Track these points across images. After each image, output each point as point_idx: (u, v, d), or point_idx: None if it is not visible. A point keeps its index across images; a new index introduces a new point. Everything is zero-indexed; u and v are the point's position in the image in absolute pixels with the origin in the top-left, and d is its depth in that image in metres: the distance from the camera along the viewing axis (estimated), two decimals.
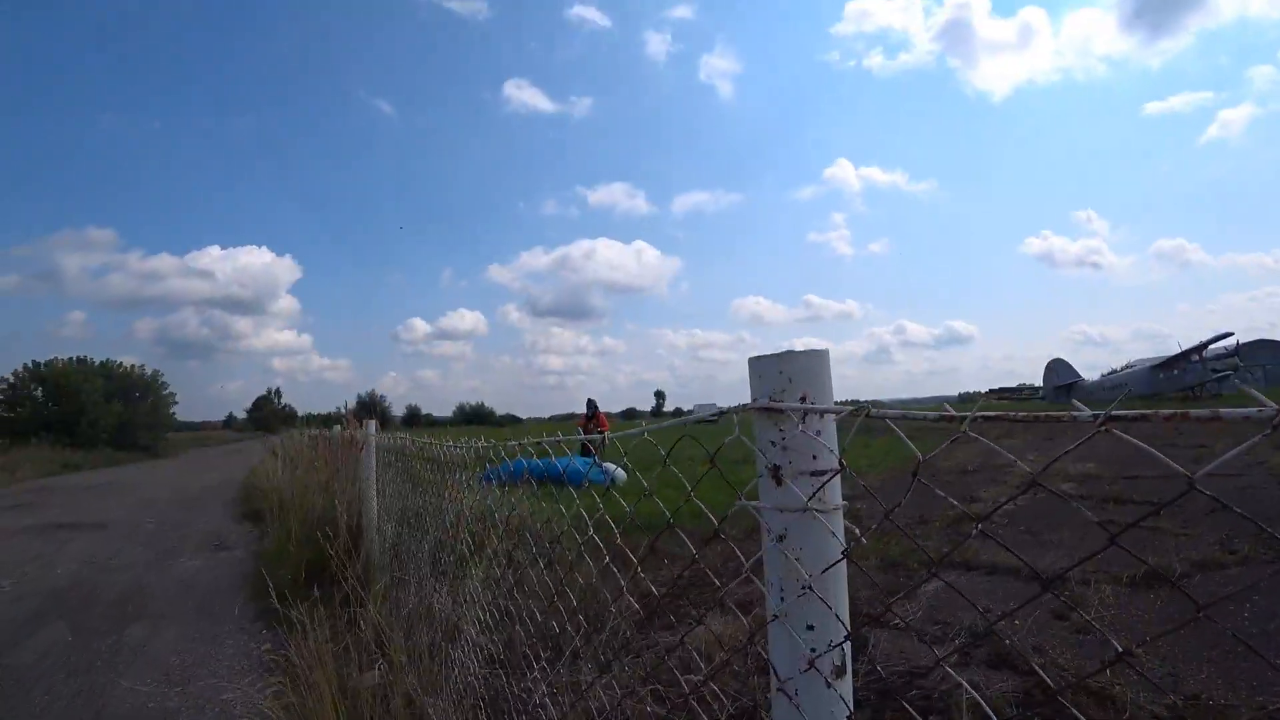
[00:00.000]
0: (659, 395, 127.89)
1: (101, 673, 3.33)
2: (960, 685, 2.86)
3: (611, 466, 9.22)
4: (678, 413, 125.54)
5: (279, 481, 8.60)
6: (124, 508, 9.93)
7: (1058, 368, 49.73)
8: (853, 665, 0.86)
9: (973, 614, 3.86)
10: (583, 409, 12.83)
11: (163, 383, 29.30)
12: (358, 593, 3.30)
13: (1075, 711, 0.74)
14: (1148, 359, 46.28)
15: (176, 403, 30.88)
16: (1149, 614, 3.73)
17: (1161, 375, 41.96)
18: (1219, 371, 40.20)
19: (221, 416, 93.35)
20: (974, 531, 0.78)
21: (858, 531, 0.87)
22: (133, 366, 28.51)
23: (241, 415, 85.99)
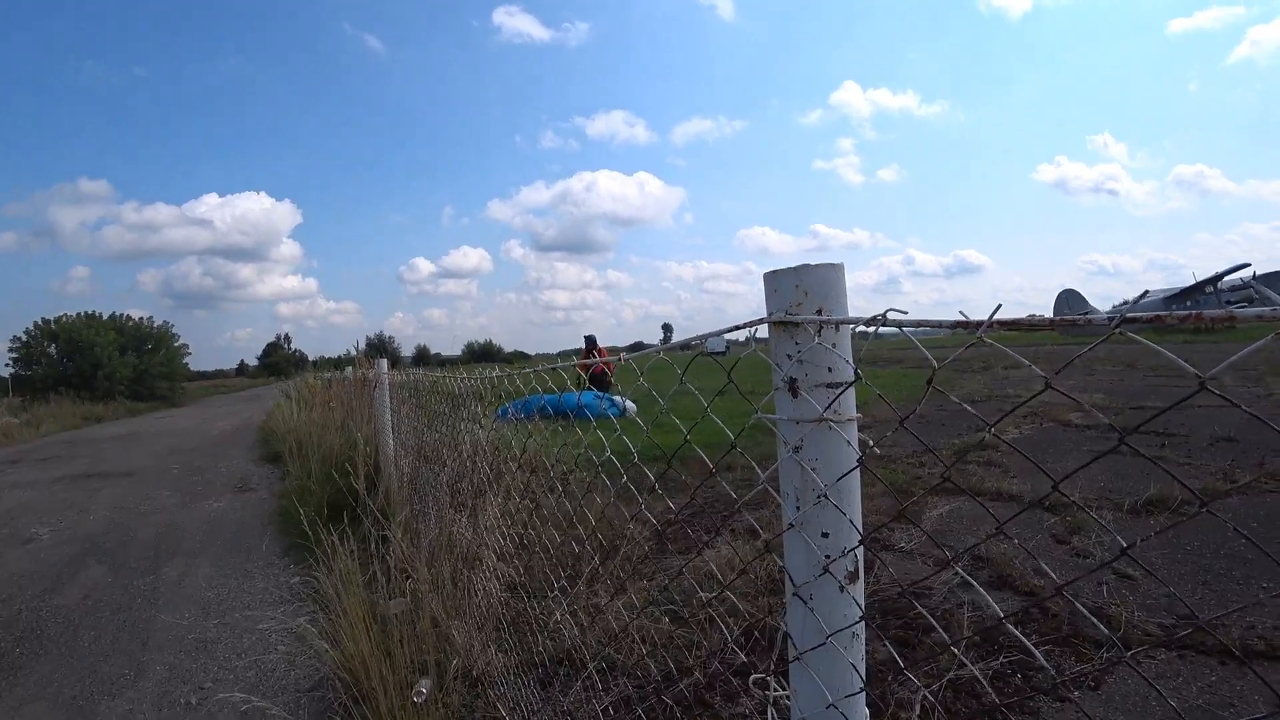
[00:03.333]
0: (666, 328, 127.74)
1: (142, 608, 3.50)
2: (962, 605, 2.95)
3: (621, 399, 9.31)
4: (684, 346, 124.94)
5: (295, 424, 8.78)
6: (149, 456, 10.19)
7: (1069, 299, 49.14)
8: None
9: (976, 538, 3.97)
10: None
11: (174, 334, 29.57)
12: (379, 525, 3.42)
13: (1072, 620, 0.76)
14: (1161, 290, 45.70)
15: (190, 353, 31.22)
16: (1151, 542, 3.81)
17: (1175, 307, 41.54)
18: (1234, 304, 39.72)
19: (234, 364, 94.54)
20: (988, 433, 0.79)
21: (870, 443, 0.88)
22: (142, 319, 28.73)
23: (253, 362, 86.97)
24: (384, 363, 4.27)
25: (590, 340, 12.62)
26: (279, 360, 73.07)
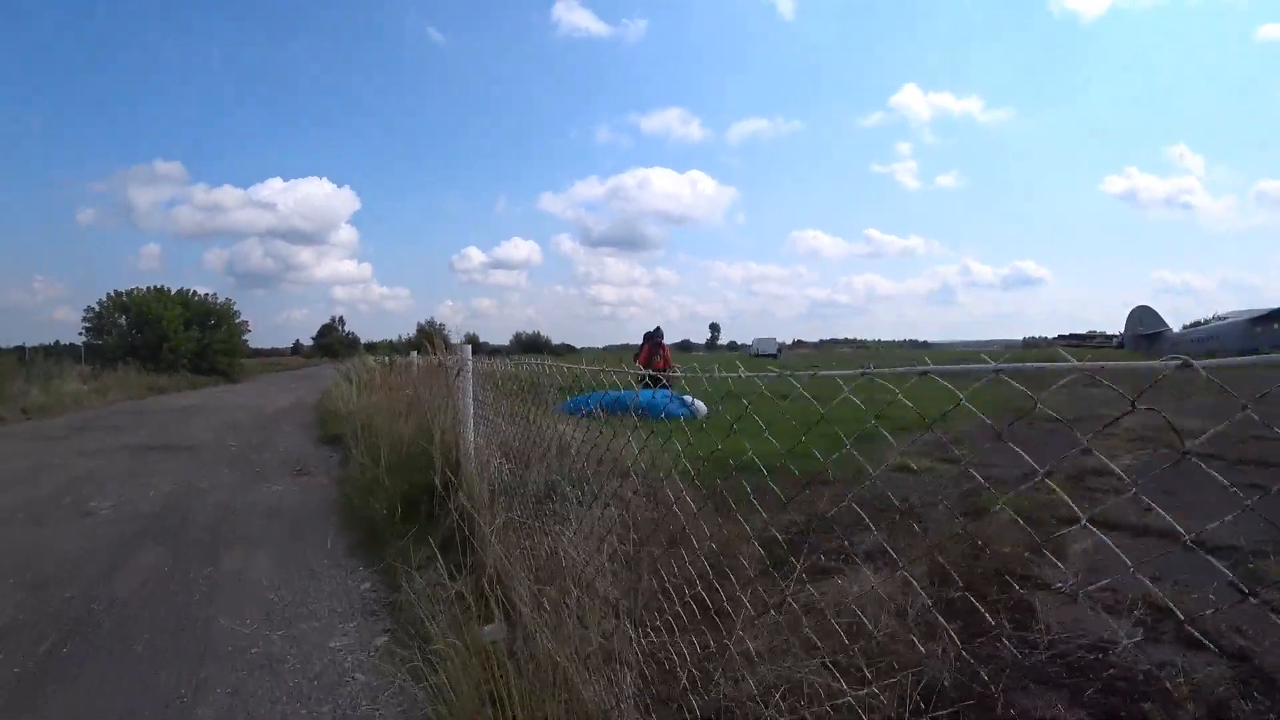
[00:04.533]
0: (714, 328, 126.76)
1: (200, 606, 3.17)
2: (1162, 666, 2.37)
3: (690, 399, 8.85)
4: (732, 346, 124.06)
5: (355, 406, 8.56)
6: (209, 430, 10.16)
7: (1142, 315, 46.56)
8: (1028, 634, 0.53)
9: (1139, 581, 3.35)
10: (635, 340, 12.19)
11: (235, 310, 30.30)
12: (463, 532, 3.01)
13: None
14: (1242, 311, 42.86)
15: (250, 330, 31.97)
16: None
17: (1259, 329, 38.75)
18: None
19: (289, 343, 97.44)
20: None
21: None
22: (207, 295, 29.50)
23: (308, 342, 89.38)
24: (468, 349, 3.88)
25: (658, 335, 12.01)
26: (333, 341, 74.91)
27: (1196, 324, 49.64)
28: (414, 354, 7.37)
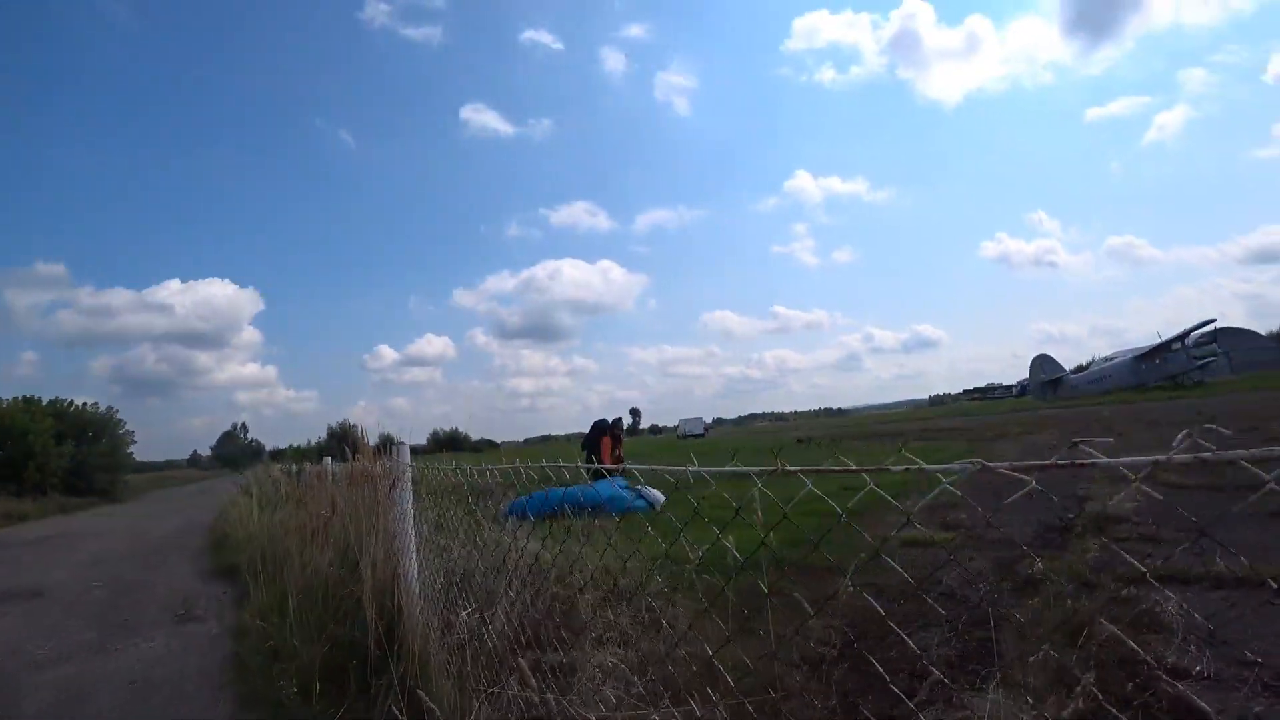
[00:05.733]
0: (634, 413, 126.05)
1: None
2: None
3: (648, 490, 8.14)
4: (655, 430, 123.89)
5: (256, 528, 7.19)
6: (70, 566, 8.39)
7: (1043, 363, 49.73)
8: None
9: (1257, 641, 2.76)
10: (558, 430, 11.44)
11: (118, 420, 27.17)
12: (413, 714, 2.05)
13: None
14: (1126, 350, 46.54)
15: (135, 442, 28.71)
16: None
17: (1144, 365, 42.13)
18: (1200, 359, 40.53)
19: (185, 455, 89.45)
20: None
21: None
22: (85, 404, 26.36)
23: (207, 453, 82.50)
24: (406, 450, 2.97)
25: (617, 423, 11.21)
26: (235, 450, 69.33)
27: (1081, 367, 53.50)
28: (328, 460, 6.23)
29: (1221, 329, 44.35)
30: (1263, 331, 55.23)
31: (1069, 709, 2.18)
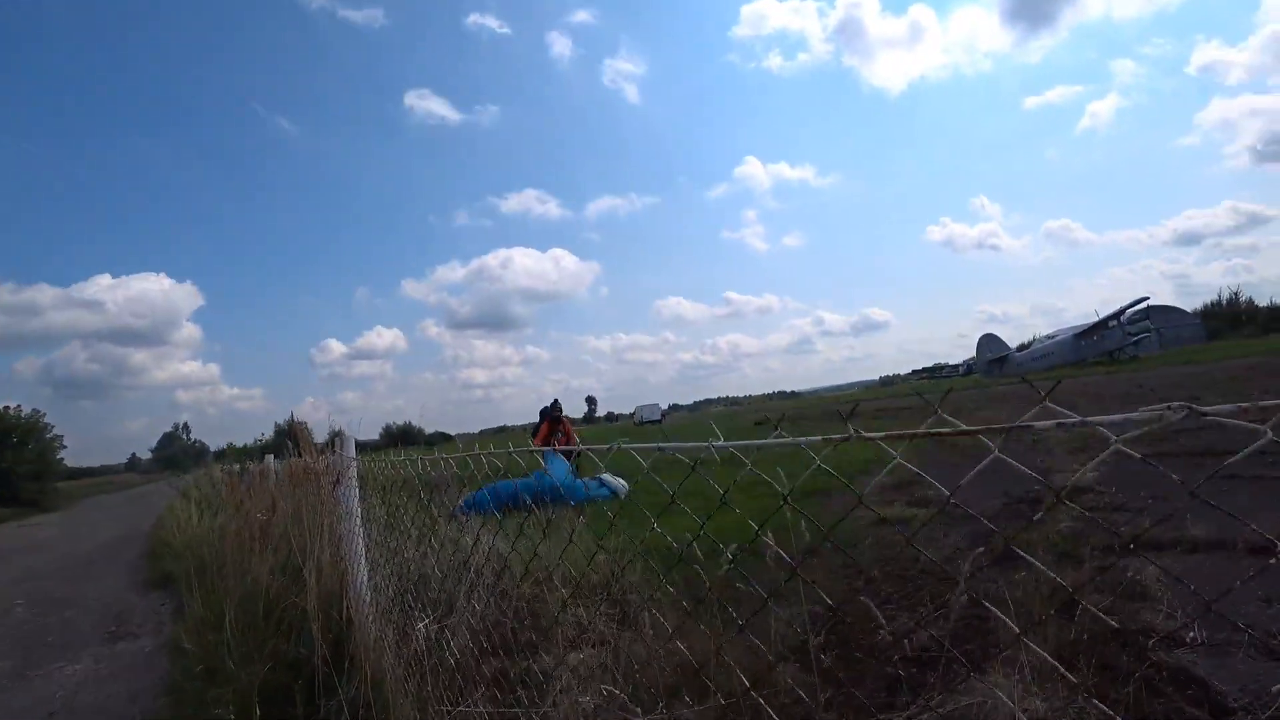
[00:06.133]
0: (590, 401, 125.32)
1: None
2: None
3: (607, 476, 7.91)
4: (610, 417, 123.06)
5: (195, 533, 6.73)
6: None
7: (989, 342, 51.32)
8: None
9: (1240, 605, 2.73)
10: (513, 420, 11.15)
11: (46, 424, 25.56)
12: None
13: None
14: (1066, 328, 48.42)
15: (65, 446, 27.11)
16: None
17: (1084, 342, 43.89)
18: (1134, 335, 42.46)
19: (123, 458, 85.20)
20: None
21: None
22: (7, 409, 24.68)
23: (146, 455, 78.83)
24: (351, 444, 2.68)
25: (556, 408, 10.92)
26: (176, 452, 66.41)
27: (1024, 346, 55.48)
28: (269, 458, 5.82)
29: (1153, 307, 46.54)
30: (1188, 309, 58.55)
31: (1072, 687, 2.07)
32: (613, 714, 1.89)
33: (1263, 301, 63.04)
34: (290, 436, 4.33)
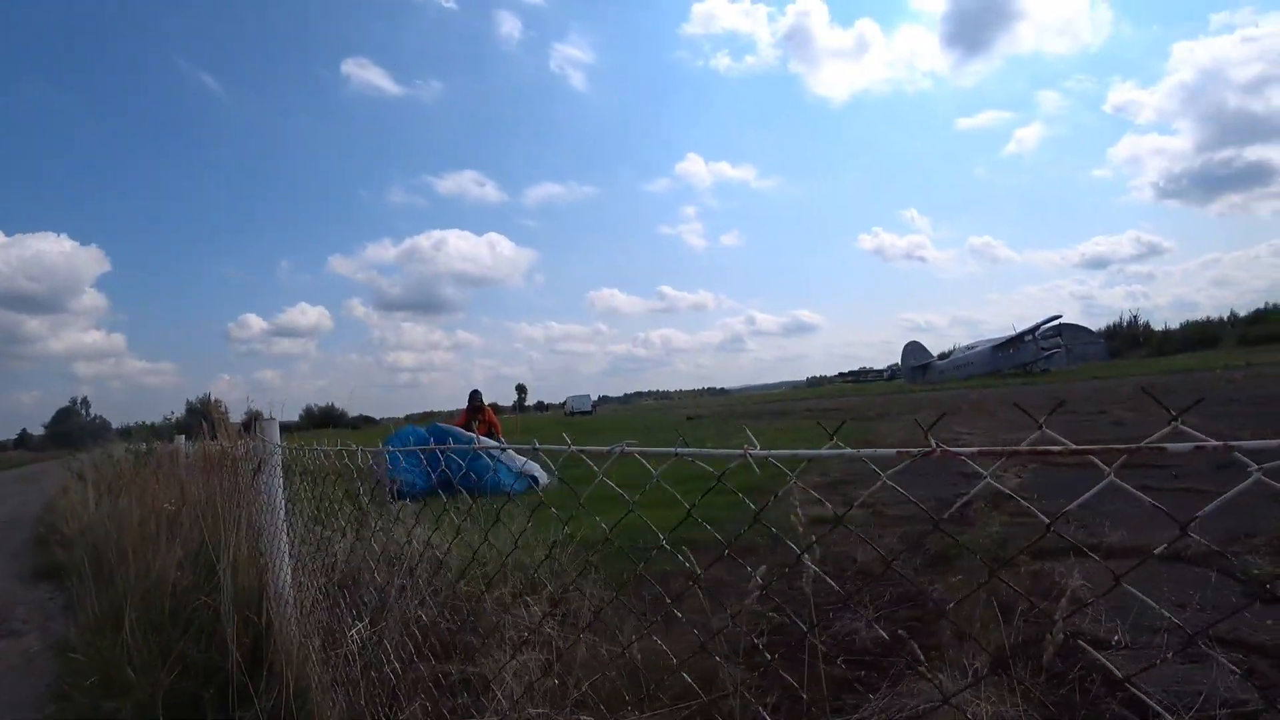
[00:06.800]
0: (520, 389, 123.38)
1: None
2: None
3: (523, 462, 7.50)
4: (541, 407, 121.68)
5: (92, 519, 6.18)
6: None
7: (914, 350, 53.60)
8: None
9: (1171, 609, 2.87)
10: (441, 406, 10.83)
11: None
12: None
13: None
14: (985, 340, 51.16)
15: None
16: None
17: (1000, 355, 46.50)
18: (1047, 350, 45.25)
19: (12, 434, 78.33)
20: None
21: None
22: None
23: (39, 431, 72.82)
24: (275, 428, 2.45)
25: (477, 396, 10.65)
26: (73, 429, 61.63)
27: (944, 355, 58.41)
28: (181, 439, 5.40)
29: (1064, 325, 49.75)
30: (1093, 329, 63.00)
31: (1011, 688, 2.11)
32: None
33: (1158, 326, 68.75)
34: (204, 416, 3.99)
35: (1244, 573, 3.33)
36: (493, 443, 2.60)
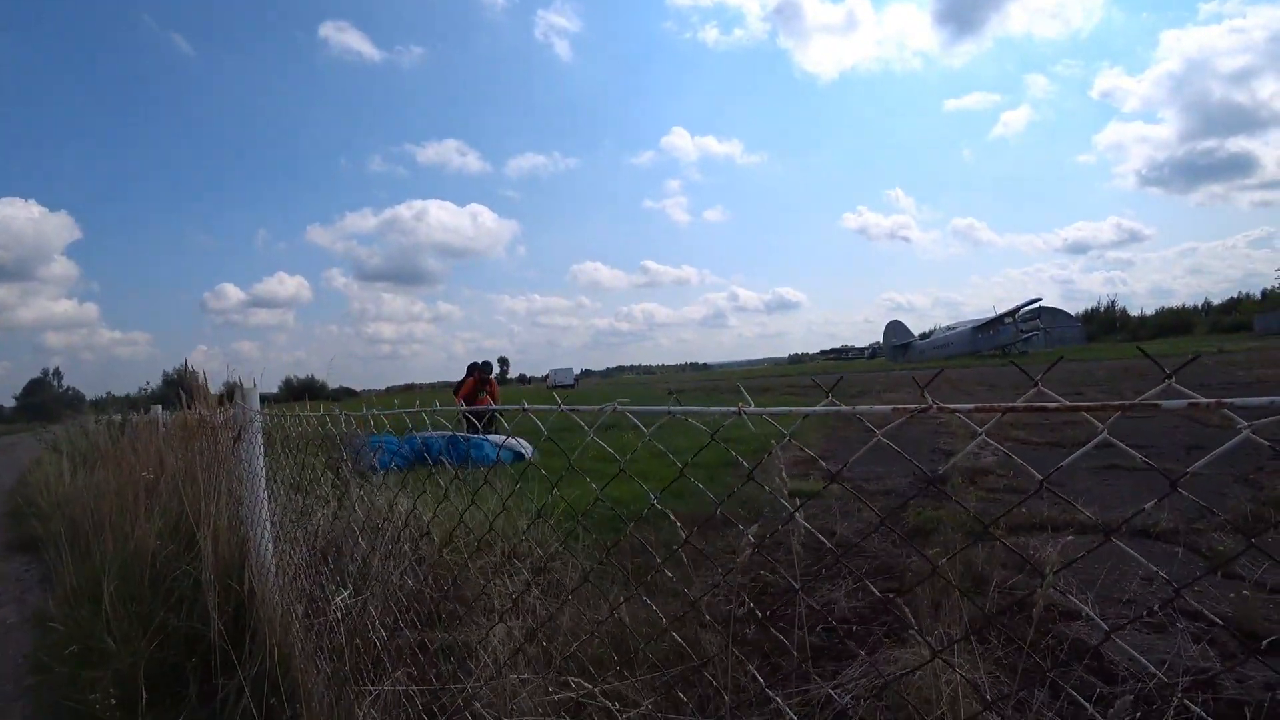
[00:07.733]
0: (503, 362, 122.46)
1: None
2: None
3: (516, 441, 7.55)
4: (523, 379, 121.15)
5: (67, 491, 6.10)
6: None
7: (895, 329, 54.07)
8: None
9: (1125, 581, 2.97)
10: (422, 379, 10.69)
11: None
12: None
13: None
14: (965, 321, 51.74)
15: None
16: None
17: (980, 335, 47.04)
18: (1026, 333, 45.85)
19: None
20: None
21: None
22: None
23: (10, 403, 71.47)
24: (255, 396, 2.42)
25: (487, 366, 10.55)
26: (45, 400, 60.52)
27: (925, 335, 59.01)
28: (158, 408, 5.32)
29: (1043, 308, 50.35)
30: (1072, 312, 63.98)
31: (987, 657, 2.17)
32: (541, 687, 1.82)
33: (1134, 311, 69.99)
34: (182, 387, 3.92)
35: (1209, 549, 3.44)
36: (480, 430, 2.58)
